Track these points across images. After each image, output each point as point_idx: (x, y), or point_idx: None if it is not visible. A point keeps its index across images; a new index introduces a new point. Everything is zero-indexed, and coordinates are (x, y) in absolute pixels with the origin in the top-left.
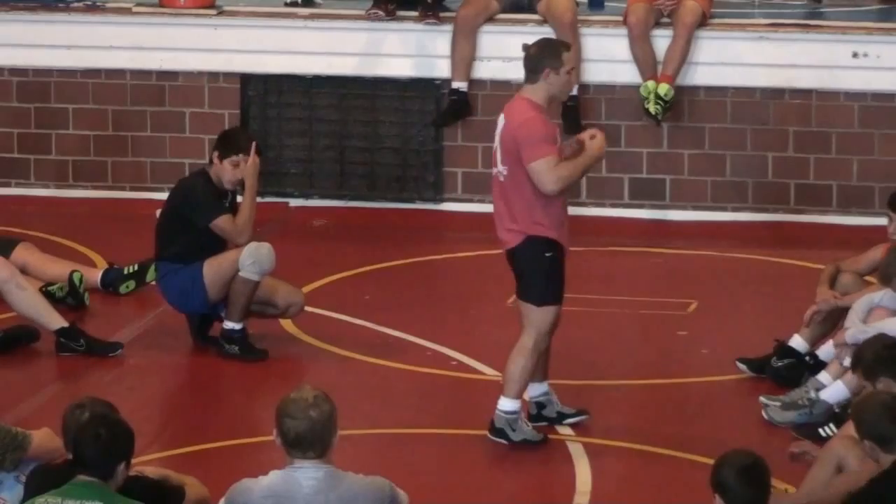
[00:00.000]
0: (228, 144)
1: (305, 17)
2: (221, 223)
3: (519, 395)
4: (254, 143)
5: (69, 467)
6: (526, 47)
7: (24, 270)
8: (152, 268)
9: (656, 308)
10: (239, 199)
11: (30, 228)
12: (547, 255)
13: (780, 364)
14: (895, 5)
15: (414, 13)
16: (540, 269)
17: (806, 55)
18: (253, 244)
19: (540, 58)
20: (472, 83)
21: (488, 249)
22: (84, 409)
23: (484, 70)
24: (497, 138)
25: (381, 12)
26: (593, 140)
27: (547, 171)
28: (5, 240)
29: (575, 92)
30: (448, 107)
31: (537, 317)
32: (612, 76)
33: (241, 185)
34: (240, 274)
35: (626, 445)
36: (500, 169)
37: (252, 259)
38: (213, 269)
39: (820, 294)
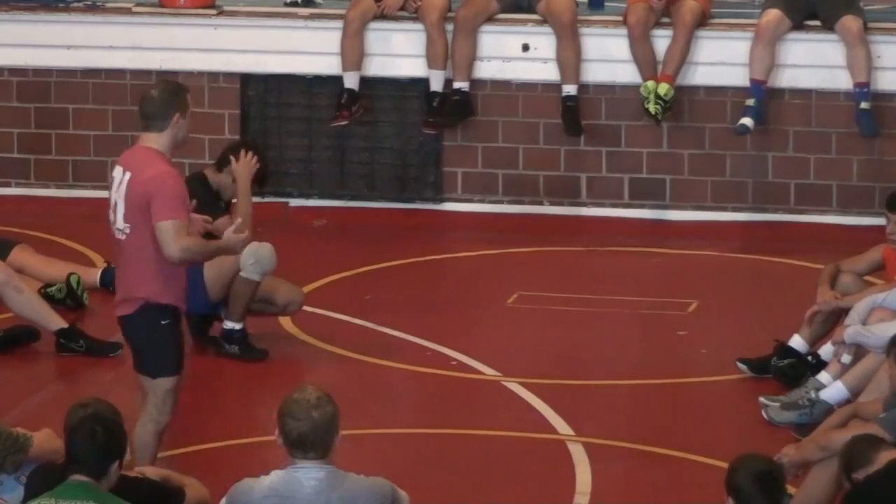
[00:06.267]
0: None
1: (305, 17)
2: (222, 223)
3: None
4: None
5: (66, 467)
6: (525, 47)
7: (21, 272)
8: None
9: (656, 308)
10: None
11: (30, 228)
12: (164, 322)
13: (781, 364)
14: (894, 5)
15: (412, 14)
16: (158, 339)
17: (806, 55)
18: (254, 244)
19: (169, 103)
20: (472, 83)
21: (488, 249)
22: (87, 409)
23: (484, 70)
24: (117, 192)
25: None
26: (236, 235)
27: (176, 236)
28: (2, 242)
29: (575, 92)
30: (451, 107)
31: (155, 386)
32: (612, 76)
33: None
34: (241, 274)
35: (626, 445)
36: (122, 226)
37: (253, 259)
38: (213, 270)
39: (821, 294)
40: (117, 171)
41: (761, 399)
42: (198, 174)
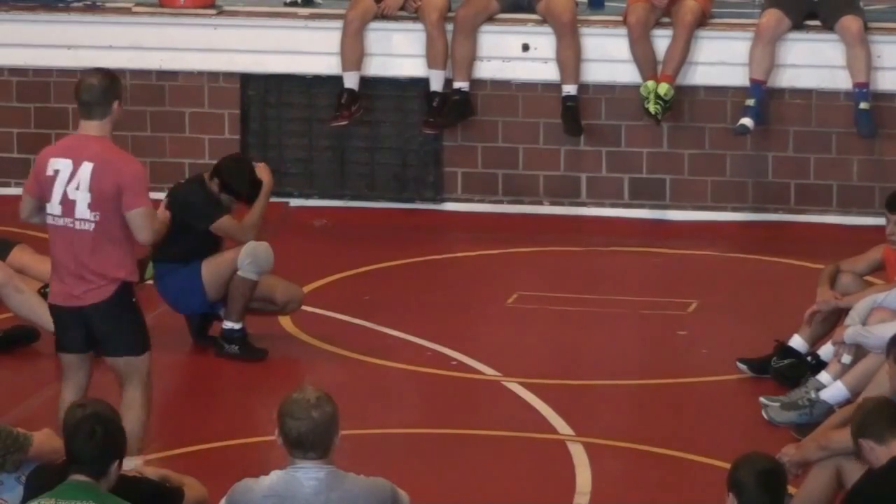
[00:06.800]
0: (226, 180)
1: (305, 17)
2: (223, 223)
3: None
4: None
5: (66, 467)
6: (525, 47)
7: (21, 272)
8: (150, 265)
9: (656, 308)
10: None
11: (29, 228)
12: (133, 300)
13: (781, 364)
14: (894, 5)
15: (412, 14)
16: (134, 317)
17: (806, 55)
18: (251, 243)
19: (110, 91)
20: (472, 83)
21: (488, 249)
22: (86, 408)
23: (484, 70)
24: (71, 184)
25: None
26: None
27: (150, 222)
28: (2, 242)
29: (575, 92)
30: (451, 107)
31: (135, 367)
32: (612, 76)
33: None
34: (238, 273)
35: (626, 445)
36: (88, 216)
37: (250, 258)
38: (211, 269)
39: (820, 294)
40: (62, 164)
41: (761, 399)
42: (197, 177)
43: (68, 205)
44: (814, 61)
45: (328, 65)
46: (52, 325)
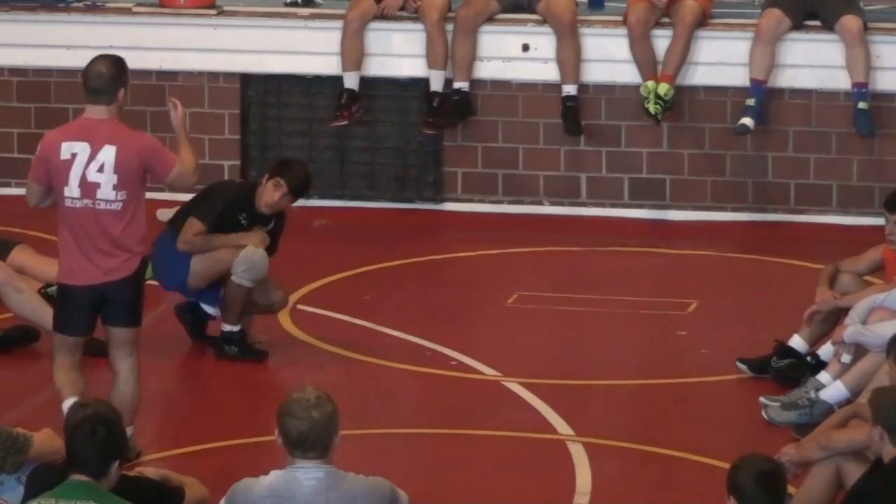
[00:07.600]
0: (278, 167)
1: (305, 17)
2: (190, 225)
3: None
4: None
5: (66, 467)
6: (525, 47)
7: (21, 272)
8: (150, 265)
9: (656, 308)
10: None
11: (29, 228)
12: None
13: (781, 364)
14: (894, 5)
15: (412, 14)
16: (142, 290)
17: (806, 55)
18: (249, 249)
19: (117, 79)
20: (472, 83)
21: (488, 249)
22: (87, 408)
23: (484, 70)
24: (91, 167)
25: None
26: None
27: (187, 165)
28: (2, 242)
29: (575, 92)
30: (451, 107)
31: (136, 336)
32: (612, 76)
33: (274, 215)
34: (232, 279)
35: (626, 445)
36: (113, 197)
37: (245, 266)
38: (203, 263)
39: (819, 294)
40: (79, 146)
41: (761, 399)
42: (250, 182)
43: (88, 186)
44: (813, 61)
45: (328, 65)
46: (51, 325)
